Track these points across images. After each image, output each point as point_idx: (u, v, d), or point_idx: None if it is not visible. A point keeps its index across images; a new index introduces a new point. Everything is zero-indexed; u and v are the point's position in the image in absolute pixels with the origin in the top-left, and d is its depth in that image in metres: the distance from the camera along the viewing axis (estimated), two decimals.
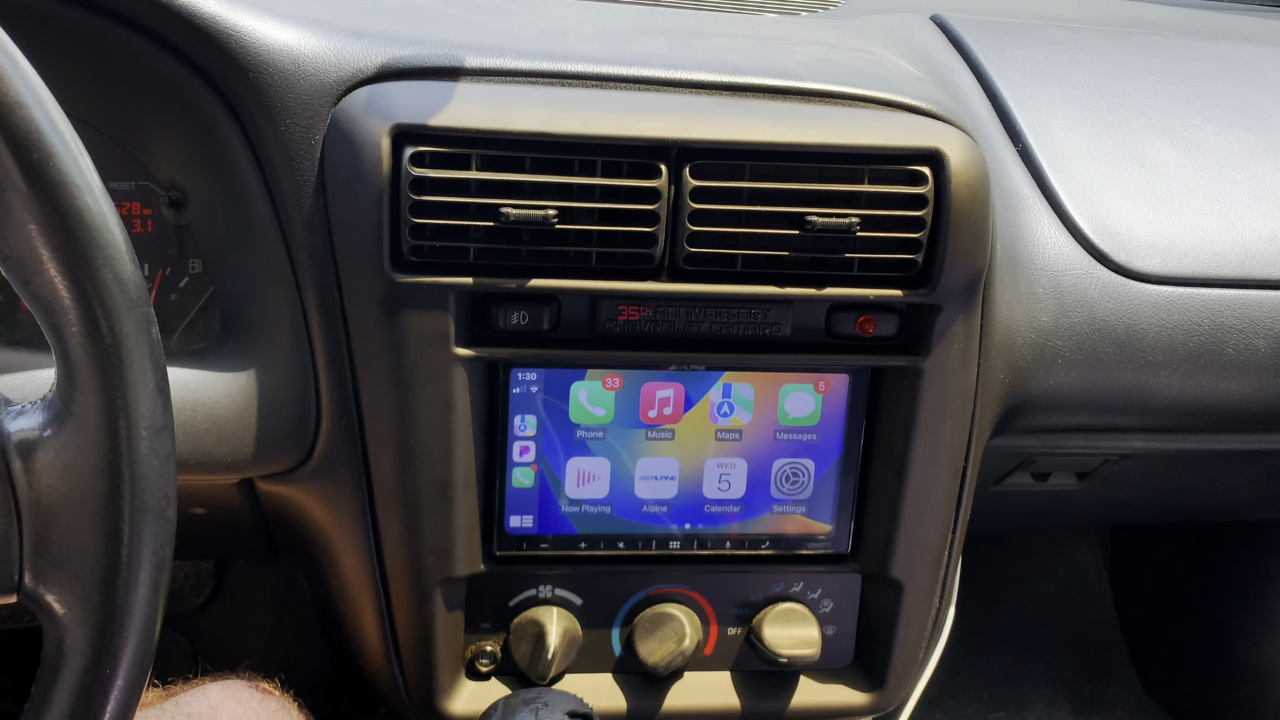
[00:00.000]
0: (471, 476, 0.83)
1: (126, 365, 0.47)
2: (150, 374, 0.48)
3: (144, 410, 0.48)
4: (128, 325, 0.47)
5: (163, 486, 0.49)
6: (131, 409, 0.47)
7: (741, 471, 0.89)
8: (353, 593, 0.88)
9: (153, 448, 0.48)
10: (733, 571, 0.92)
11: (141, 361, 0.48)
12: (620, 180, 0.76)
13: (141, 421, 0.48)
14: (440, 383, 0.78)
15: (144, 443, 0.48)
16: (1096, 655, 1.90)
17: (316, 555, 0.92)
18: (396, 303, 0.76)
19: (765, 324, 0.83)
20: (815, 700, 0.94)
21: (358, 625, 0.90)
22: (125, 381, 0.47)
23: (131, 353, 0.47)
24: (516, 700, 0.69)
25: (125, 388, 0.47)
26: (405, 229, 0.74)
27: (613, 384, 0.85)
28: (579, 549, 0.88)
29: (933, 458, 0.87)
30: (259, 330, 0.81)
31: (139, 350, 0.48)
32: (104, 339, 0.47)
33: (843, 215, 0.77)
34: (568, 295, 0.80)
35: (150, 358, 0.48)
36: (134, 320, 0.48)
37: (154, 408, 0.49)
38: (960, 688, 1.87)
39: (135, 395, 0.48)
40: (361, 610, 0.88)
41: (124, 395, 0.47)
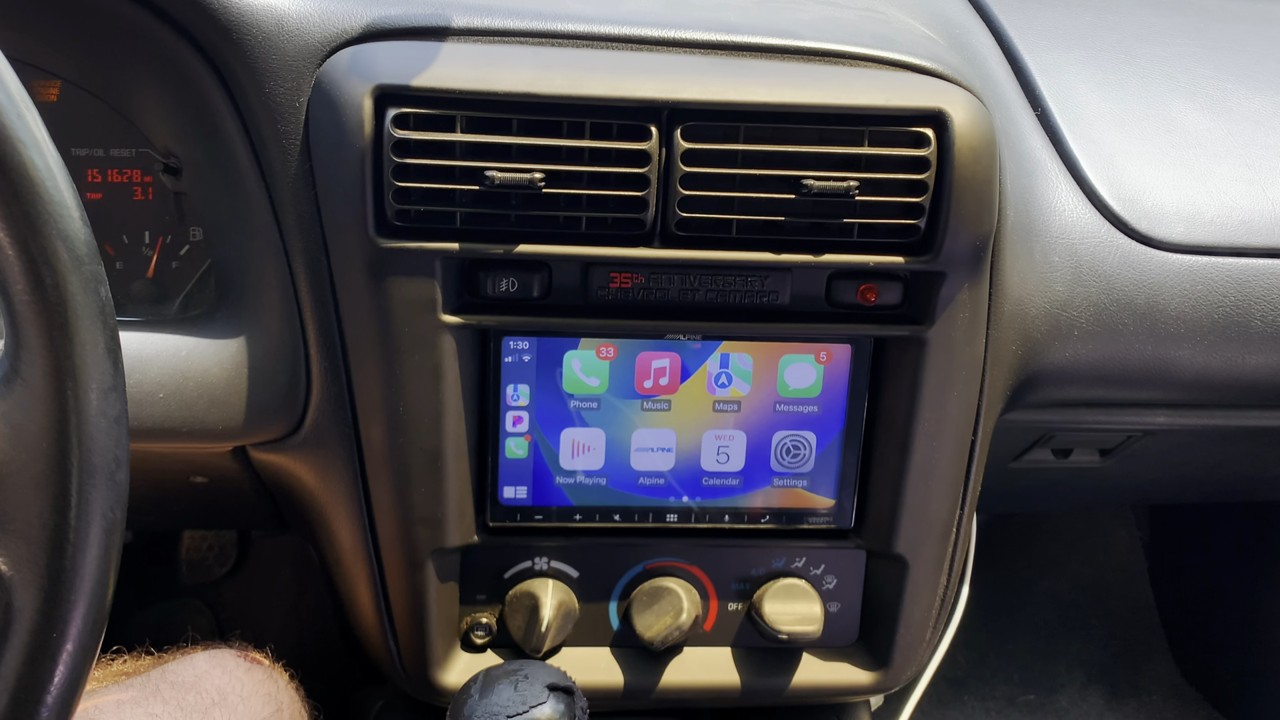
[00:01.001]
0: (462, 446, 0.82)
1: (74, 325, 0.46)
2: (99, 334, 0.47)
3: (92, 371, 0.47)
4: (74, 284, 0.46)
5: (112, 449, 0.48)
6: (79, 370, 0.47)
7: (740, 444, 0.87)
8: (347, 563, 0.88)
9: (102, 409, 0.47)
10: (733, 546, 0.90)
11: (90, 321, 0.47)
12: (610, 143, 0.73)
13: (90, 382, 0.47)
14: (428, 350, 0.77)
15: (93, 404, 0.47)
16: (1132, 638, 1.86)
17: (314, 525, 0.91)
18: (382, 268, 0.75)
19: (763, 292, 0.81)
20: (818, 678, 0.92)
21: (353, 596, 0.89)
22: (72, 342, 0.46)
23: (79, 312, 0.46)
24: (498, 672, 0.68)
25: (72, 348, 0.46)
26: (389, 193, 0.72)
27: (607, 353, 0.83)
28: (574, 521, 0.87)
29: (938, 431, 0.84)
30: (250, 297, 0.81)
31: (87, 310, 0.47)
32: (49, 298, 0.46)
33: (841, 179, 0.75)
34: (558, 262, 0.78)
35: (99, 317, 0.48)
36: (81, 279, 0.47)
37: (103, 369, 0.48)
38: (989, 669, 1.84)
39: (83, 356, 0.47)
40: (356, 581, 0.88)
41: (71, 356, 0.46)
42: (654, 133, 0.73)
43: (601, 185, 0.74)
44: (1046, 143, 0.95)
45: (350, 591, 0.90)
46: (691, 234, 0.76)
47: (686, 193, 0.74)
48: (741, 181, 0.75)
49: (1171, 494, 1.55)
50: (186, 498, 1.05)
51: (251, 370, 0.80)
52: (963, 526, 0.91)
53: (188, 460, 0.89)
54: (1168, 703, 1.80)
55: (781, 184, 0.75)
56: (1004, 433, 0.98)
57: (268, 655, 0.81)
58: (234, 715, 0.69)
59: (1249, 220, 0.93)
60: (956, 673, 1.83)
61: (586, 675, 0.89)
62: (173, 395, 0.78)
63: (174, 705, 0.67)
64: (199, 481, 0.97)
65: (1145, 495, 1.60)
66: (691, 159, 0.74)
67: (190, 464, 0.91)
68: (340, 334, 0.79)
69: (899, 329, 0.81)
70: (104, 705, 0.65)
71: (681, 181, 0.74)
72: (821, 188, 0.74)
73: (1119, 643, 1.85)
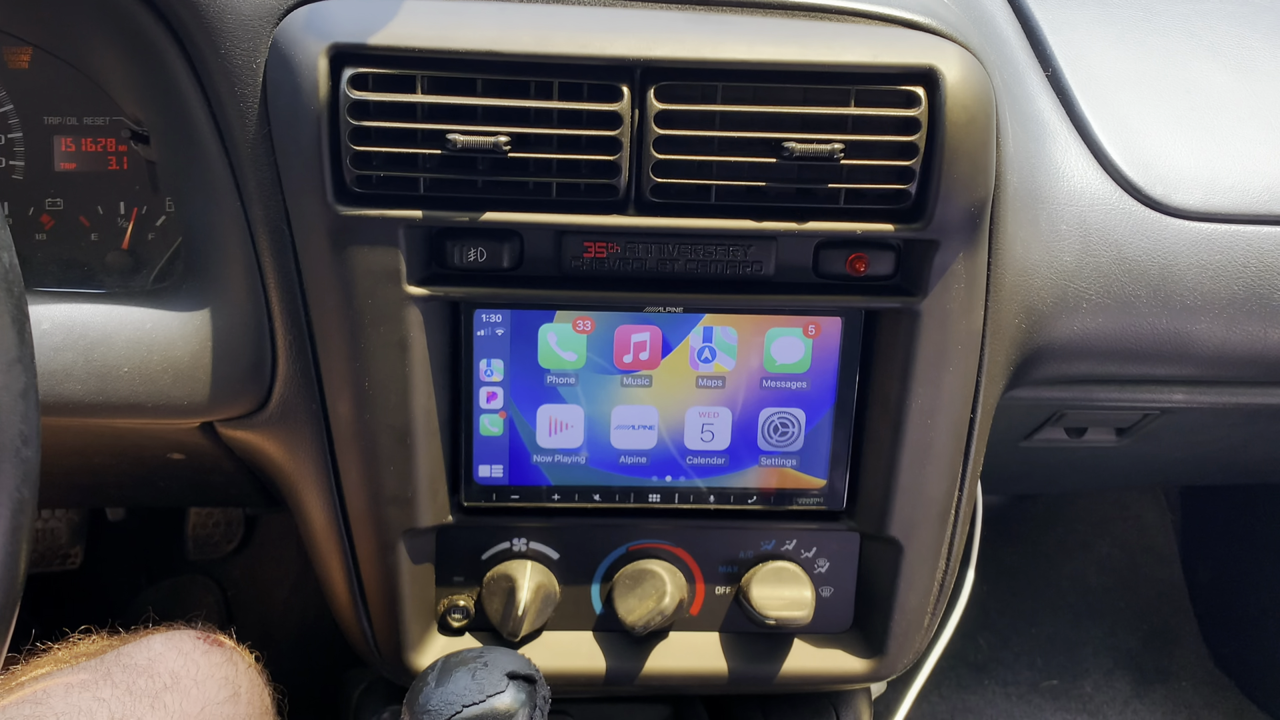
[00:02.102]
0: (433, 424, 0.79)
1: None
2: (3, 304, 0.45)
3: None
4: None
5: (17, 424, 0.45)
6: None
7: (725, 421, 0.83)
8: (320, 543, 0.85)
9: (5, 383, 0.45)
10: (719, 527, 0.86)
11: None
12: (579, 104, 0.70)
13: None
14: (393, 323, 0.74)
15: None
16: (1162, 623, 1.80)
17: (289, 503, 0.89)
18: (343, 238, 0.72)
19: (746, 262, 0.77)
20: (809, 666, 0.89)
21: (327, 577, 0.87)
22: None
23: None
24: (455, 659, 0.65)
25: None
26: (346, 158, 0.69)
27: (584, 326, 0.79)
28: (552, 501, 0.84)
29: (933, 408, 0.80)
30: (215, 269, 0.78)
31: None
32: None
33: (825, 141, 0.70)
34: (529, 230, 0.75)
35: (1, 285, 0.45)
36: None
37: (6, 340, 0.45)
38: (1012, 654, 1.79)
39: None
40: (329, 561, 0.86)
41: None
42: (626, 93, 0.69)
43: (572, 149, 0.70)
44: (1056, 104, 0.90)
45: (325, 572, 0.87)
46: (668, 200, 0.72)
47: (661, 156, 0.70)
48: (720, 145, 0.71)
49: (1194, 475, 1.49)
50: (170, 475, 1.03)
51: (216, 344, 0.77)
52: (962, 508, 0.86)
53: (160, 436, 0.87)
54: (1198, 689, 1.74)
55: (762, 147, 0.71)
56: (1011, 410, 0.94)
57: (230, 636, 0.79)
58: (186, 699, 0.67)
59: (1273, 186, 0.87)
60: (978, 656, 1.79)
61: (567, 660, 0.87)
62: (137, 370, 0.76)
63: (124, 689, 0.65)
64: (177, 458, 0.94)
65: (1167, 476, 1.54)
66: (666, 121, 0.70)
67: (164, 440, 0.89)
68: (304, 306, 0.76)
69: (890, 301, 0.77)
70: (52, 689, 0.63)
71: (655, 145, 0.70)
72: (805, 151, 0.70)
73: (1147, 627, 1.80)
